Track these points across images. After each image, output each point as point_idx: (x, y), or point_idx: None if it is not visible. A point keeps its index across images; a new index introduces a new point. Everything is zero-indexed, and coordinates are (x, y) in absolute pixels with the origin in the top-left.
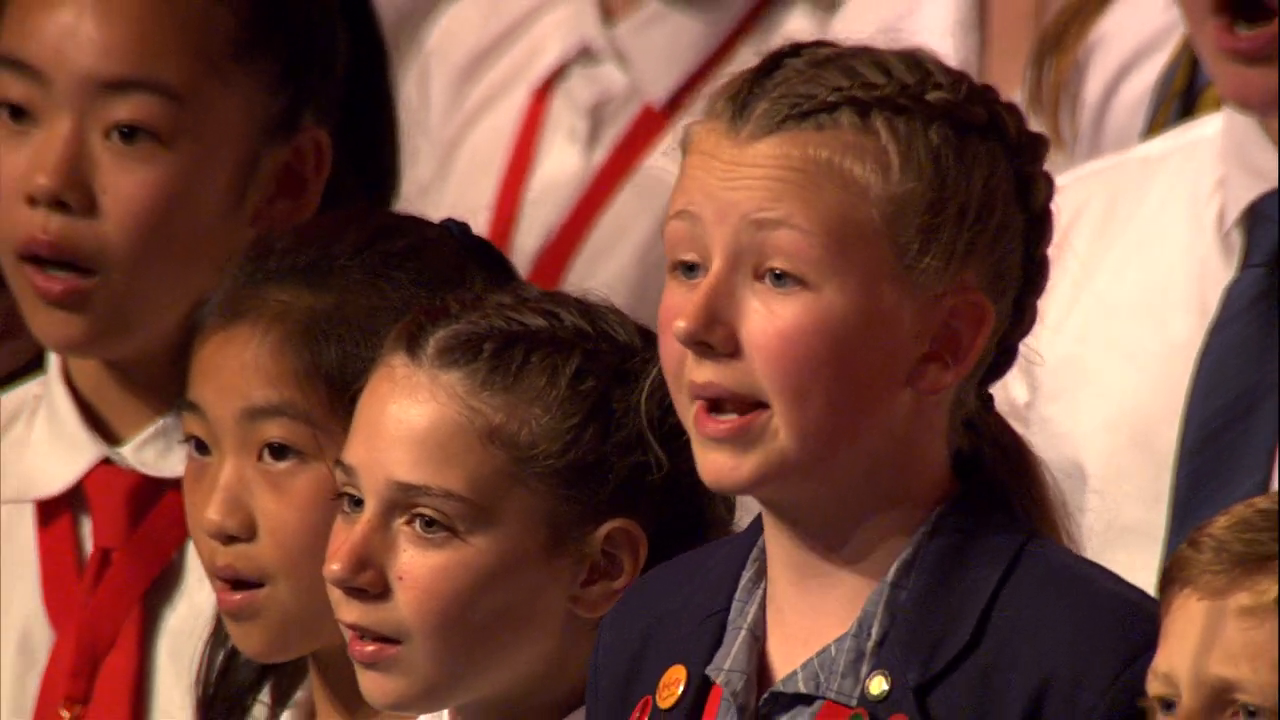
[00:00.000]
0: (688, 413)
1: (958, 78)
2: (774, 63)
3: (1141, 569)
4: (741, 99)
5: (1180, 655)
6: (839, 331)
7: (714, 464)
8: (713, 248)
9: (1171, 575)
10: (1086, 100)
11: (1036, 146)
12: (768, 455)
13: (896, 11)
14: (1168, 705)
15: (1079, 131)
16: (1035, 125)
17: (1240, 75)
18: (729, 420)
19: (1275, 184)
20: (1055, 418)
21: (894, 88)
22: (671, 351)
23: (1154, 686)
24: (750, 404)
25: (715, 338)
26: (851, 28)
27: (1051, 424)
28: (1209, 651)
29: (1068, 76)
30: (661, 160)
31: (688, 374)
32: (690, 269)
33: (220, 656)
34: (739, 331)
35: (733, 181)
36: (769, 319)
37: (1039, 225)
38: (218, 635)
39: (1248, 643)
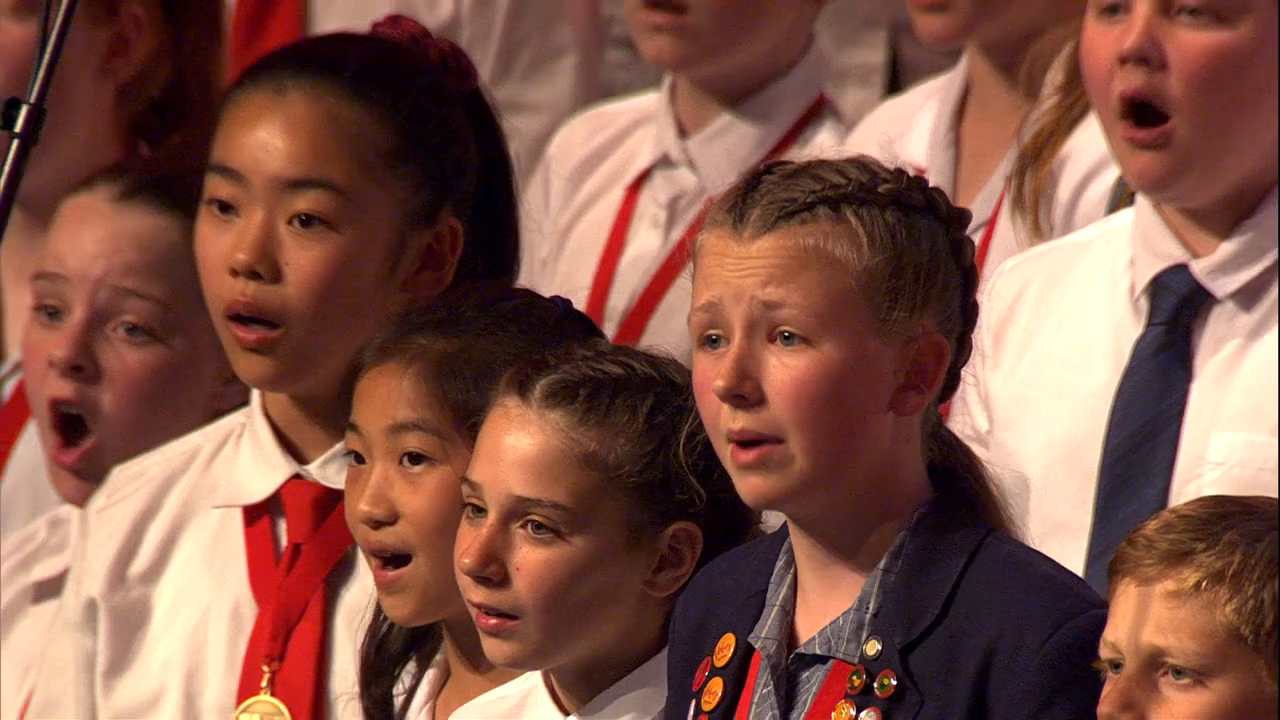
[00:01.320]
0: (724, 451)
1: (898, 172)
2: (755, 181)
3: (1072, 555)
4: (739, 210)
5: (1123, 629)
6: (837, 375)
7: (750, 486)
8: (733, 323)
9: (1115, 568)
10: (1059, 201)
11: (963, 218)
12: (789, 477)
13: (891, 134)
14: (1116, 666)
15: (1054, 225)
16: (1018, 222)
17: (1140, 161)
18: (754, 451)
19: (1172, 262)
20: (1008, 441)
21: (854, 185)
22: (709, 407)
23: (1105, 652)
24: (769, 440)
25: (746, 389)
26: (860, 144)
27: (1005, 445)
28: (1144, 626)
29: (1044, 184)
30: None
31: (724, 424)
32: (714, 341)
33: (380, 631)
34: (763, 383)
35: (743, 272)
36: (785, 370)
37: (970, 277)
38: (376, 618)
39: (1173, 619)
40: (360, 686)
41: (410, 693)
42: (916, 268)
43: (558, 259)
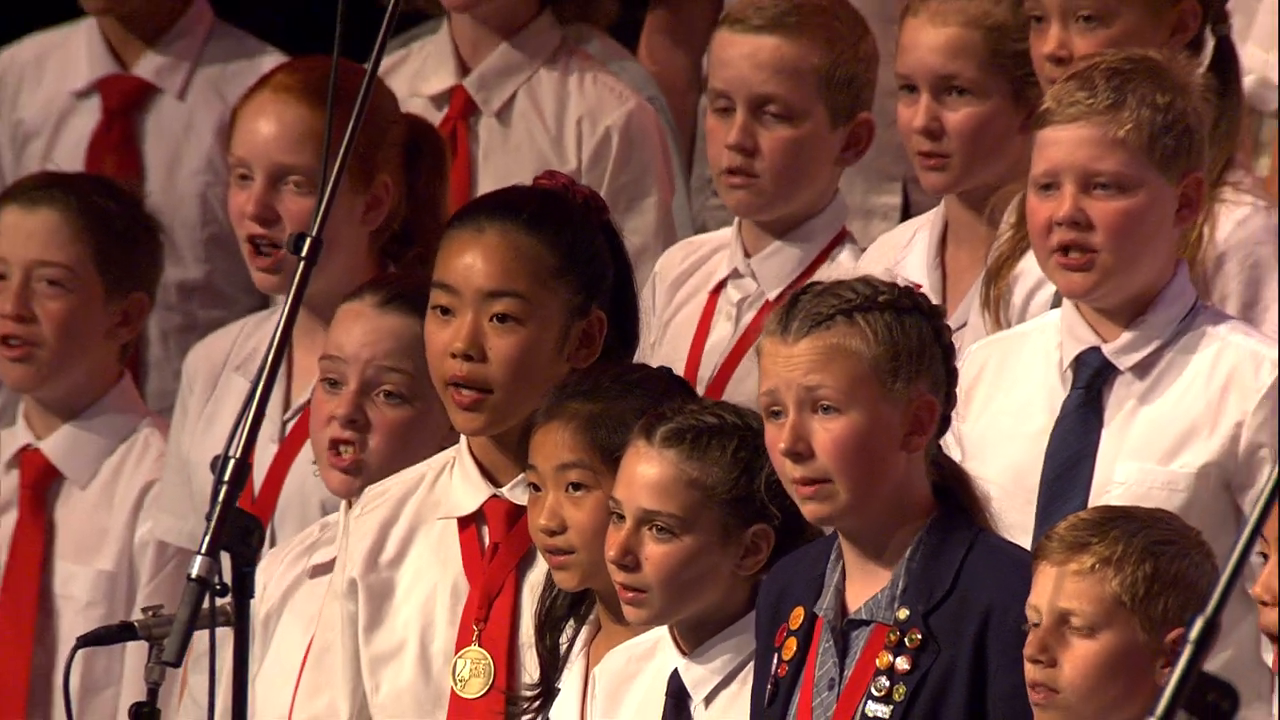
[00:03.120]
0: (791, 489)
1: (891, 284)
2: (794, 301)
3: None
4: (784, 322)
5: (1042, 597)
6: (862, 433)
7: (809, 511)
8: (788, 403)
9: (1037, 555)
10: (1014, 305)
11: (939, 311)
12: (836, 505)
13: (891, 259)
14: (1035, 623)
15: (1010, 320)
16: (986, 318)
17: (1066, 279)
18: (810, 488)
19: (1088, 345)
20: (975, 469)
21: (860, 298)
22: (777, 459)
23: (1030, 614)
24: (820, 481)
25: (800, 448)
26: (872, 262)
27: (973, 472)
28: (1056, 595)
29: (1003, 292)
30: None
31: (789, 472)
32: (776, 414)
33: (551, 600)
34: (812, 443)
35: (790, 367)
36: (826, 433)
37: (949, 351)
38: (548, 591)
39: (1076, 590)
40: (537, 638)
41: (571, 642)
42: (909, 351)
43: (661, 343)
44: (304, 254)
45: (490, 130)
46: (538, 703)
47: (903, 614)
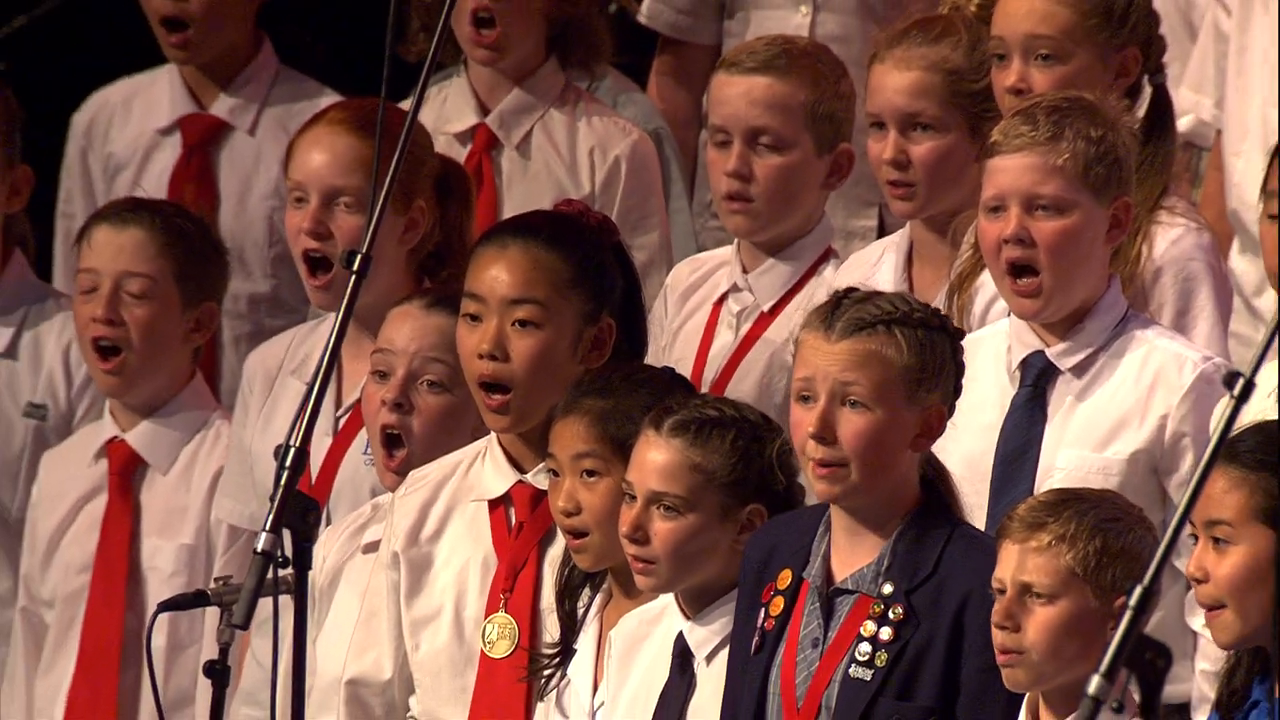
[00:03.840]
0: (807, 467)
1: (924, 305)
2: (837, 302)
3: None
4: (828, 319)
5: (1005, 571)
6: (883, 430)
7: (821, 489)
8: (820, 392)
9: (999, 534)
10: (974, 315)
11: (959, 333)
12: (846, 486)
13: (863, 274)
14: (1001, 593)
15: (970, 328)
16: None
17: (1019, 303)
18: (827, 469)
19: (1034, 349)
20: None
21: (899, 313)
22: (800, 440)
23: (994, 585)
24: (837, 465)
25: (826, 433)
26: (844, 280)
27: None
28: (1019, 569)
29: (965, 303)
30: (769, 337)
31: (810, 453)
32: (806, 399)
33: (569, 572)
34: (837, 430)
35: (829, 361)
36: (851, 425)
37: (961, 369)
38: (566, 564)
39: (1035, 564)
40: (557, 604)
41: (586, 608)
42: (933, 366)
43: (672, 347)
44: (355, 268)
45: (512, 161)
46: (557, 660)
47: (887, 589)
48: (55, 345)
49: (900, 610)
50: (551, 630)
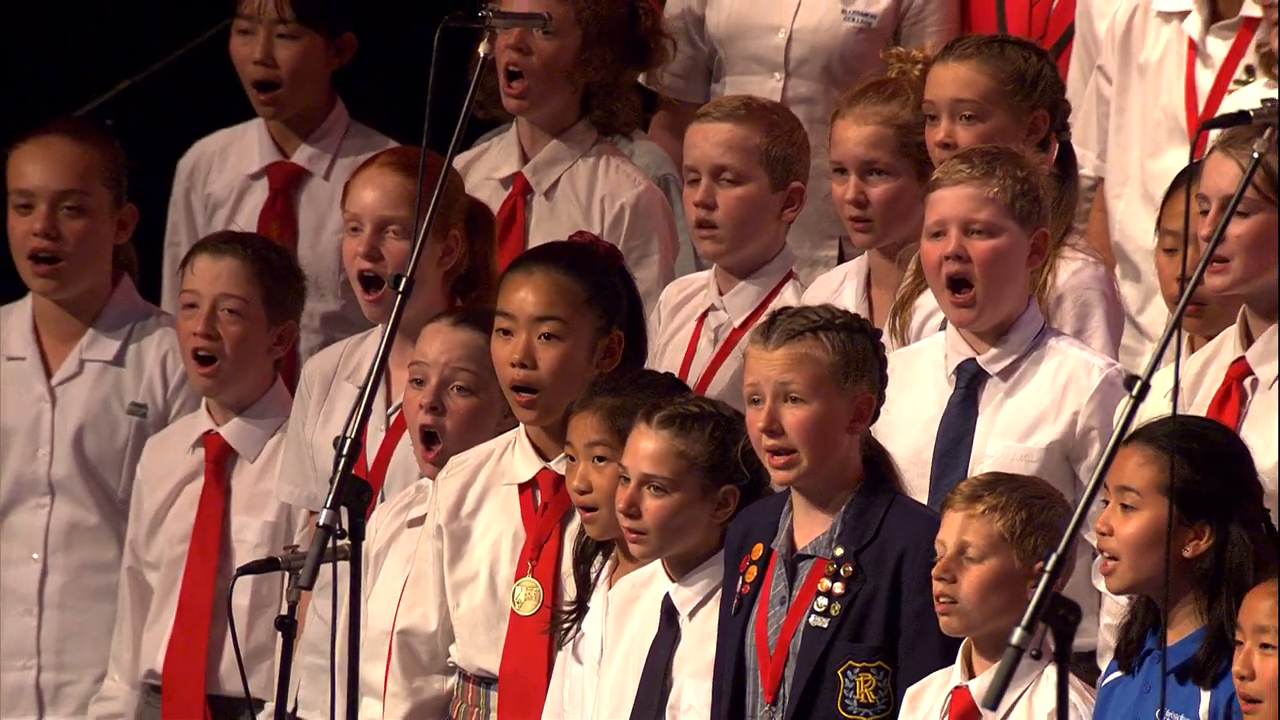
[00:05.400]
0: (764, 457)
1: (844, 312)
2: (773, 319)
3: None
4: (766, 333)
5: (948, 533)
6: (820, 419)
7: (778, 476)
8: (765, 393)
9: (944, 505)
10: (914, 329)
11: (878, 332)
12: (798, 471)
13: (827, 296)
14: (941, 553)
15: (911, 340)
16: (894, 340)
17: (956, 313)
18: (781, 458)
19: (967, 356)
20: (886, 446)
21: (823, 320)
22: (754, 435)
23: (937, 547)
24: (787, 453)
25: (775, 428)
26: (812, 299)
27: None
28: (959, 532)
29: (907, 320)
30: (740, 348)
31: (764, 444)
32: (756, 402)
33: (583, 541)
34: (783, 423)
35: (769, 367)
36: (794, 416)
37: (883, 363)
38: (581, 535)
39: (972, 528)
40: (574, 569)
41: (598, 573)
42: (857, 361)
43: (663, 356)
44: (401, 289)
45: (540, 205)
46: (574, 616)
47: (839, 551)
48: (155, 354)
49: (850, 568)
50: (570, 592)
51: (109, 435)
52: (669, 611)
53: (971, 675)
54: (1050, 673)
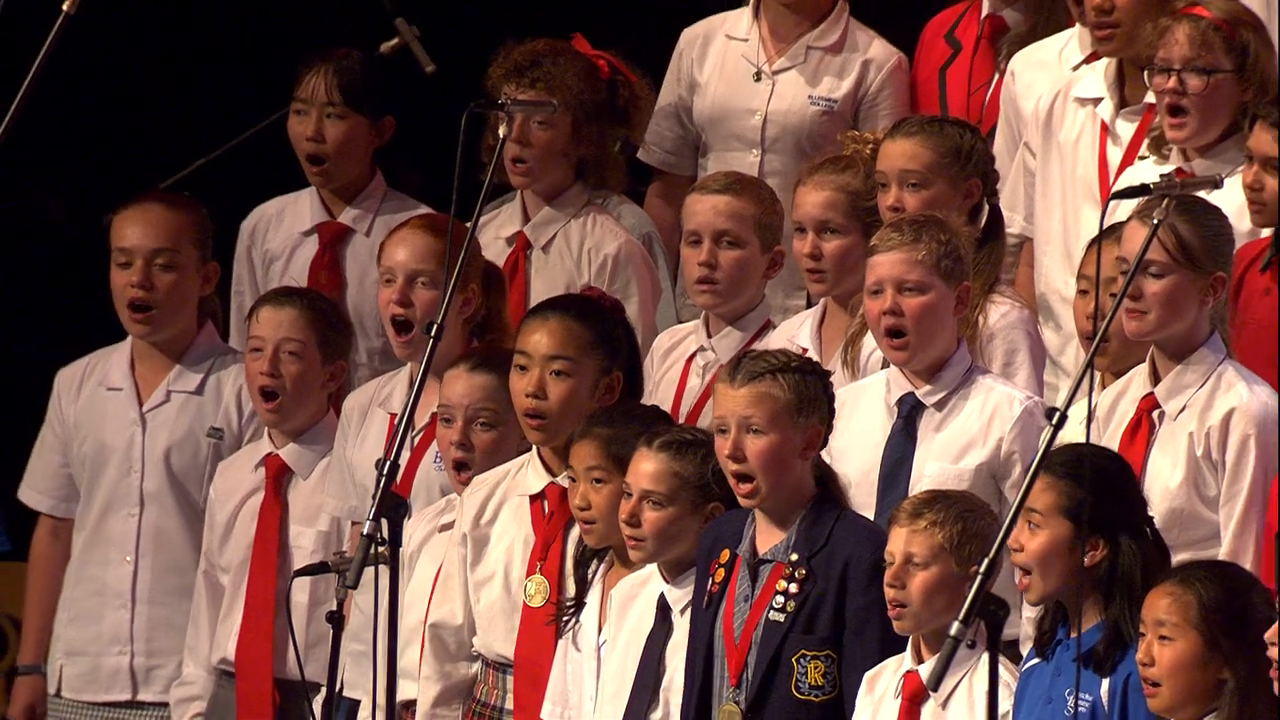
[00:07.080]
0: (732, 481)
1: (799, 355)
2: (738, 361)
3: None
4: (732, 374)
5: (895, 545)
6: (777, 448)
7: (742, 498)
8: (731, 424)
9: (891, 520)
10: (864, 366)
11: (827, 373)
12: (761, 495)
13: (789, 336)
14: (891, 562)
15: (859, 374)
16: (845, 374)
17: (894, 355)
18: (745, 485)
19: (907, 390)
20: (837, 468)
21: (781, 363)
22: (724, 462)
23: (886, 557)
24: (749, 479)
25: (738, 454)
26: (777, 341)
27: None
28: (905, 544)
29: (857, 353)
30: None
31: (730, 469)
32: (724, 431)
33: (581, 546)
34: (745, 452)
35: (733, 403)
36: (754, 446)
37: (832, 400)
38: (580, 541)
39: (916, 541)
40: (574, 570)
41: (594, 574)
42: (809, 399)
43: (656, 392)
44: (433, 334)
45: (538, 259)
46: (574, 610)
47: (794, 557)
48: (231, 387)
49: (803, 572)
50: (571, 590)
51: (192, 454)
52: (663, 608)
53: (920, 660)
54: (985, 659)
